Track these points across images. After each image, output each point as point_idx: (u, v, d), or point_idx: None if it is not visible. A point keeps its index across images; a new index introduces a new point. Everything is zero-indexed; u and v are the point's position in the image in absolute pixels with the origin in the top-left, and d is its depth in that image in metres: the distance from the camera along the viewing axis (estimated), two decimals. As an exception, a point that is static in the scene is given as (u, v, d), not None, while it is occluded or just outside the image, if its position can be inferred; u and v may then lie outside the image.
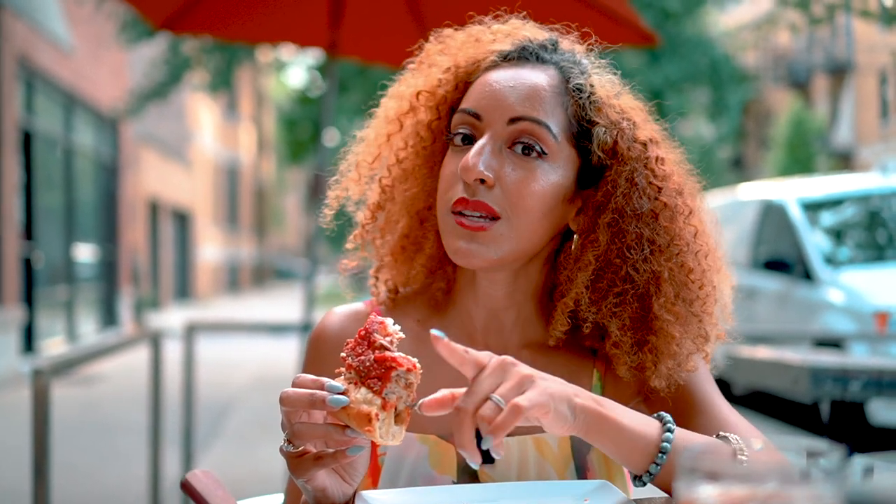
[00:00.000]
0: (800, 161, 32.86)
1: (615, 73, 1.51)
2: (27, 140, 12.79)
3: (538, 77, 1.43)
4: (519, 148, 1.39)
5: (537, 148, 1.39)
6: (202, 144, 31.75)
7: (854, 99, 35.99)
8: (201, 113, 31.45)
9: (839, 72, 36.96)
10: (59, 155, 14.64)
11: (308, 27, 4.98)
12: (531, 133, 1.39)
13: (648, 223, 1.42)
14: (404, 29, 4.61)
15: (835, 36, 36.11)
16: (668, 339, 1.41)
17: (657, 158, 1.44)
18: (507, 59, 1.46)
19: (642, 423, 1.25)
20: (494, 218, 1.38)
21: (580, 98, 1.43)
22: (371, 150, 1.57)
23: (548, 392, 1.15)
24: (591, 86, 1.44)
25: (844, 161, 35.58)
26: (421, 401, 1.16)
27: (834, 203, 9.24)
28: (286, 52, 16.68)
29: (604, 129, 1.43)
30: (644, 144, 1.44)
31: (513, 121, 1.39)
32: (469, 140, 1.42)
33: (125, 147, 18.69)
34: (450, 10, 1.61)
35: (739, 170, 41.21)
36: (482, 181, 1.38)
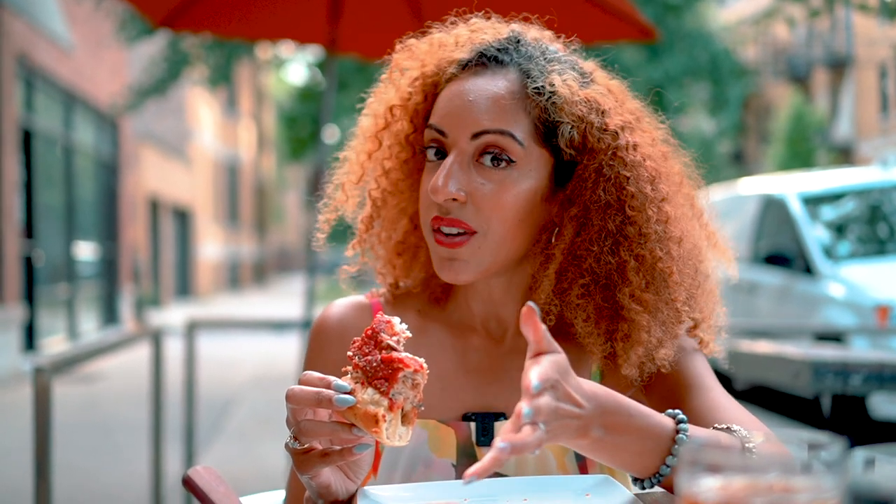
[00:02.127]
0: (800, 155, 32.85)
1: (587, 58, 1.52)
2: (27, 138, 12.79)
3: (497, 85, 1.42)
4: (487, 159, 1.40)
5: (505, 158, 1.40)
6: (202, 142, 31.74)
7: (854, 93, 35.98)
8: (201, 110, 31.43)
9: (839, 66, 36.94)
10: (59, 153, 14.64)
11: (307, 24, 4.97)
12: (496, 145, 1.40)
13: (613, 215, 1.41)
14: (403, 25, 4.59)
15: (834, 30, 36.09)
16: (638, 328, 1.41)
17: (628, 145, 1.43)
18: (466, 67, 1.46)
19: (656, 413, 1.23)
20: (472, 233, 1.40)
21: (540, 101, 1.42)
22: (354, 170, 1.59)
23: (570, 434, 1.13)
24: (552, 85, 1.43)
25: (844, 155, 35.57)
26: (472, 471, 1.05)
27: (834, 197, 9.24)
28: (285, 48, 16.67)
29: (569, 127, 1.42)
30: (614, 134, 1.43)
31: (476, 135, 1.40)
32: (441, 154, 1.44)
33: (125, 145, 18.68)
34: (448, 5, 1.61)
35: (740, 164, 41.20)
36: (454, 199, 1.39)
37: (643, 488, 1.26)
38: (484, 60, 1.46)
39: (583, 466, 1.45)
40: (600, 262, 1.41)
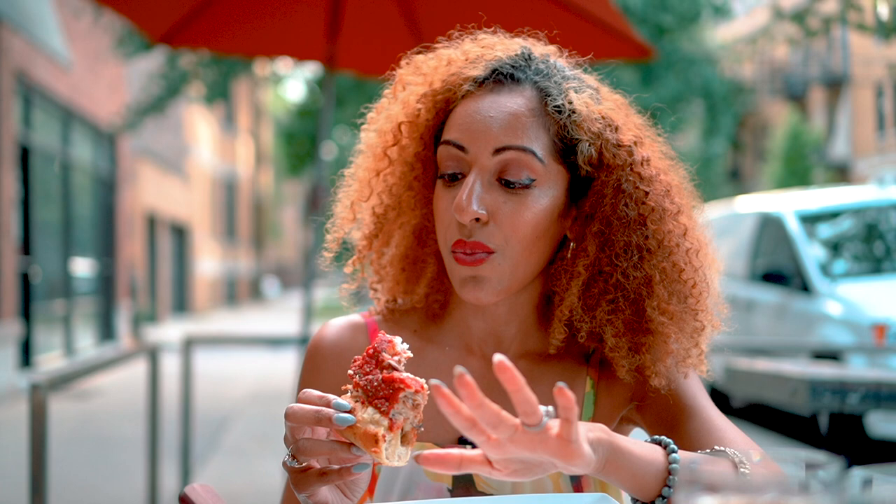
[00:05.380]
0: (797, 173, 32.94)
1: (590, 73, 1.52)
2: (25, 155, 12.79)
3: (516, 102, 1.42)
4: (508, 178, 1.40)
5: (525, 176, 1.40)
6: (200, 158, 31.75)
7: (850, 112, 36.08)
8: (199, 127, 31.46)
9: (836, 85, 37.07)
10: (57, 169, 14.64)
11: (305, 40, 4.99)
12: (518, 161, 1.39)
13: (636, 229, 1.42)
14: (401, 42, 4.62)
15: (831, 49, 36.23)
16: (665, 339, 1.42)
17: (643, 160, 1.44)
18: (482, 84, 1.46)
19: (648, 449, 1.23)
20: (490, 252, 1.40)
21: (560, 118, 1.43)
22: (363, 188, 1.58)
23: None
24: (570, 103, 1.44)
25: (841, 173, 35.67)
26: (422, 454, 1.07)
27: (831, 215, 9.25)
28: (283, 65, 16.71)
29: (587, 144, 1.43)
30: (629, 149, 1.44)
31: (498, 151, 1.40)
32: (457, 177, 1.43)
33: (123, 161, 18.69)
34: (446, 22, 1.61)
35: (737, 182, 41.29)
36: (476, 219, 1.39)
37: None
38: (500, 77, 1.45)
39: (578, 487, 1.45)
40: (628, 276, 1.42)
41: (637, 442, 1.24)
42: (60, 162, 14.73)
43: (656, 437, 1.28)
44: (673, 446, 1.25)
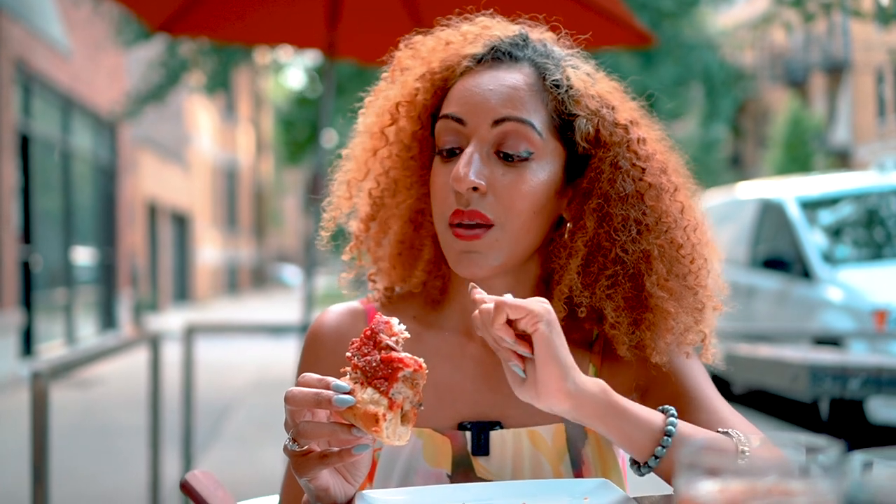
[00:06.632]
0: (798, 160, 32.92)
1: (588, 59, 1.53)
2: (25, 143, 12.78)
3: (515, 77, 1.44)
4: (506, 151, 1.41)
5: (524, 149, 1.40)
6: (200, 146, 31.73)
7: (851, 98, 36.03)
8: (199, 115, 31.43)
9: (836, 71, 37.01)
10: (57, 158, 14.63)
11: (305, 28, 4.98)
12: (516, 133, 1.40)
13: (634, 204, 1.43)
14: (401, 29, 4.59)
15: (832, 35, 36.16)
16: (665, 315, 1.43)
17: (639, 139, 1.46)
18: (481, 61, 1.47)
19: (646, 412, 1.27)
20: (489, 225, 1.40)
21: (558, 93, 1.44)
22: (360, 167, 1.58)
23: (557, 343, 1.20)
24: (568, 79, 1.45)
25: (842, 160, 35.65)
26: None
27: (832, 201, 9.24)
28: (284, 53, 16.67)
29: (585, 120, 1.44)
30: (625, 128, 1.45)
31: (497, 122, 1.40)
32: (455, 152, 1.43)
33: (123, 150, 18.67)
34: (446, 8, 1.61)
35: (738, 169, 41.26)
36: (475, 189, 1.39)
37: (640, 474, 1.29)
38: (498, 55, 1.47)
39: (578, 473, 1.46)
40: (627, 251, 1.43)
41: (636, 405, 1.28)
42: (60, 151, 14.72)
43: (662, 406, 1.32)
44: (673, 418, 1.28)
